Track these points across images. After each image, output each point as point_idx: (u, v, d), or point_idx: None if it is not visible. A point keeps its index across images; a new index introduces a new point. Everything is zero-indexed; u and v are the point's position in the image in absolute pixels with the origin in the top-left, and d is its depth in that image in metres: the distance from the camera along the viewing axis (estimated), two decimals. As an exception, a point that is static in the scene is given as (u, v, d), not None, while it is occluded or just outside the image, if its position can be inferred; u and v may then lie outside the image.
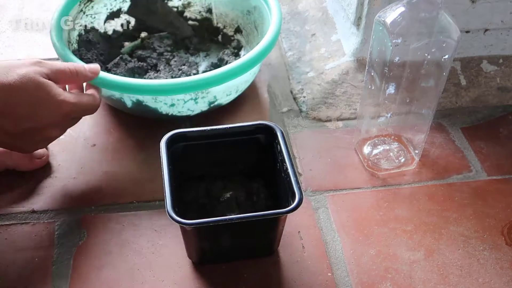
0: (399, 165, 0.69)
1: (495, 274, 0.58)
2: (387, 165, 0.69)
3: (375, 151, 0.71)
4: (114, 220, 0.62)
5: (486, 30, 0.80)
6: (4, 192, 0.64)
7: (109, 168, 0.68)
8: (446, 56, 0.59)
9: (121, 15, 0.84)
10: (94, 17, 0.81)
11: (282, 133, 0.58)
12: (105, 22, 0.82)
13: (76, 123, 0.63)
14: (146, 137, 0.72)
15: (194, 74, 0.78)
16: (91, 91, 0.64)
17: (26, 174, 0.66)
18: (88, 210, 0.63)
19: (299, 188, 0.52)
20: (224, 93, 0.72)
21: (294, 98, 0.80)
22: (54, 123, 0.58)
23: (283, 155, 0.56)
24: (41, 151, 0.67)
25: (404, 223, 0.63)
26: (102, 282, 0.56)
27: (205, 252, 0.57)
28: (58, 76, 0.59)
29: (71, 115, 0.60)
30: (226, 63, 0.80)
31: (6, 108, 0.54)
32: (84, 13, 0.79)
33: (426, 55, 0.60)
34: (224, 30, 0.88)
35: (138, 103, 0.69)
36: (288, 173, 0.54)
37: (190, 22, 0.88)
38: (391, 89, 0.64)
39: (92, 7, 0.80)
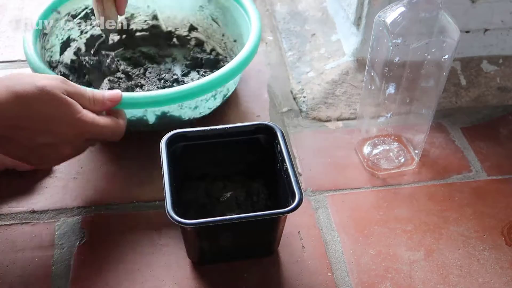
0: (399, 165, 0.69)
1: (495, 274, 0.58)
2: (387, 165, 0.69)
3: (375, 151, 0.71)
4: (114, 220, 0.62)
5: (486, 30, 0.80)
6: (4, 192, 0.64)
7: (109, 168, 0.68)
8: (446, 56, 0.59)
9: (71, 44, 0.79)
10: (52, 51, 0.76)
11: (282, 133, 0.58)
12: (60, 54, 0.77)
13: (93, 145, 0.61)
14: (146, 137, 0.72)
15: (176, 79, 0.78)
16: (114, 116, 0.60)
17: (26, 174, 0.66)
18: (88, 210, 0.63)
19: (299, 188, 0.52)
20: (233, 83, 0.73)
21: (294, 98, 0.80)
22: (68, 141, 0.56)
23: (283, 155, 0.56)
24: None
25: (404, 223, 0.63)
26: (102, 282, 0.56)
27: (205, 252, 0.57)
28: (77, 99, 0.56)
29: (85, 135, 0.57)
30: (201, 60, 0.80)
31: (20, 120, 0.52)
32: (45, 49, 0.74)
33: (426, 55, 0.60)
34: (177, 32, 0.86)
35: (163, 115, 0.67)
36: (288, 173, 0.54)
37: (138, 34, 0.85)
38: (391, 89, 0.64)
39: (48, 40, 0.75)
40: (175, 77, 0.78)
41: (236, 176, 0.62)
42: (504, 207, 0.65)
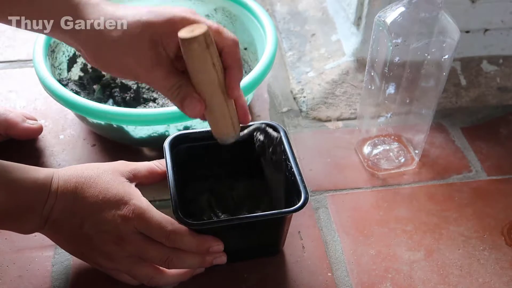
0: (399, 165, 0.69)
1: (495, 274, 0.58)
2: (387, 165, 0.69)
3: (375, 151, 0.71)
4: (114, 220, 0.62)
5: (486, 30, 0.80)
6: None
7: (109, 168, 0.68)
8: (446, 56, 0.59)
9: (77, 60, 0.77)
10: (60, 68, 0.75)
11: (285, 132, 0.58)
12: (68, 70, 0.76)
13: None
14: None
15: None
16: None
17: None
18: (88, 210, 0.63)
19: (305, 187, 0.52)
20: (252, 93, 0.72)
21: (294, 98, 0.80)
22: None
23: (287, 154, 0.56)
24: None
25: (404, 223, 0.63)
26: (102, 282, 0.56)
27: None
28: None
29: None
30: None
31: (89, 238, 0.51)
32: (54, 66, 0.72)
33: (426, 55, 0.60)
34: None
35: (185, 129, 0.66)
36: (293, 171, 0.54)
37: None
38: (391, 89, 0.64)
39: (56, 58, 0.74)
40: None
41: (240, 176, 0.62)
42: (504, 207, 0.65)
